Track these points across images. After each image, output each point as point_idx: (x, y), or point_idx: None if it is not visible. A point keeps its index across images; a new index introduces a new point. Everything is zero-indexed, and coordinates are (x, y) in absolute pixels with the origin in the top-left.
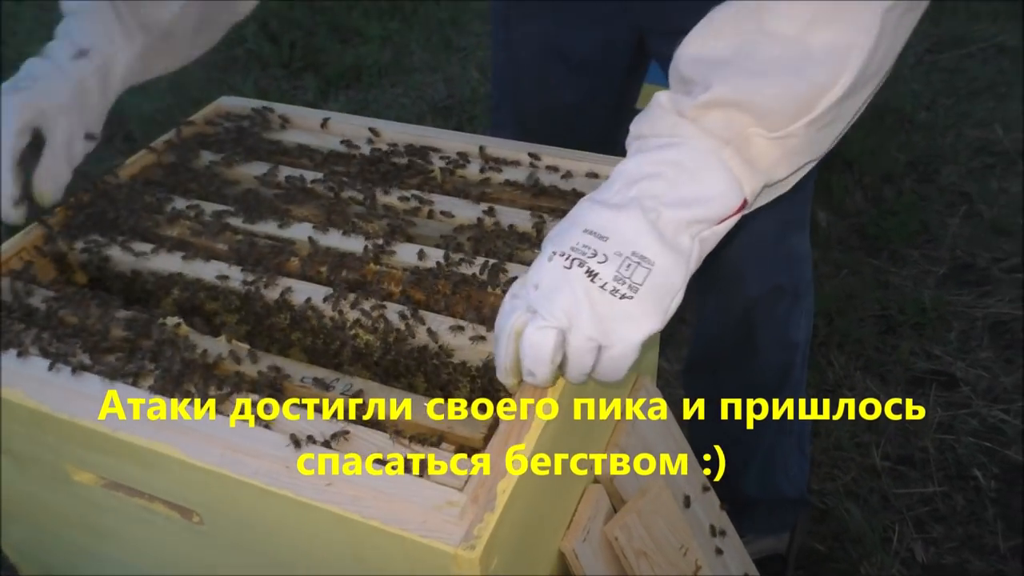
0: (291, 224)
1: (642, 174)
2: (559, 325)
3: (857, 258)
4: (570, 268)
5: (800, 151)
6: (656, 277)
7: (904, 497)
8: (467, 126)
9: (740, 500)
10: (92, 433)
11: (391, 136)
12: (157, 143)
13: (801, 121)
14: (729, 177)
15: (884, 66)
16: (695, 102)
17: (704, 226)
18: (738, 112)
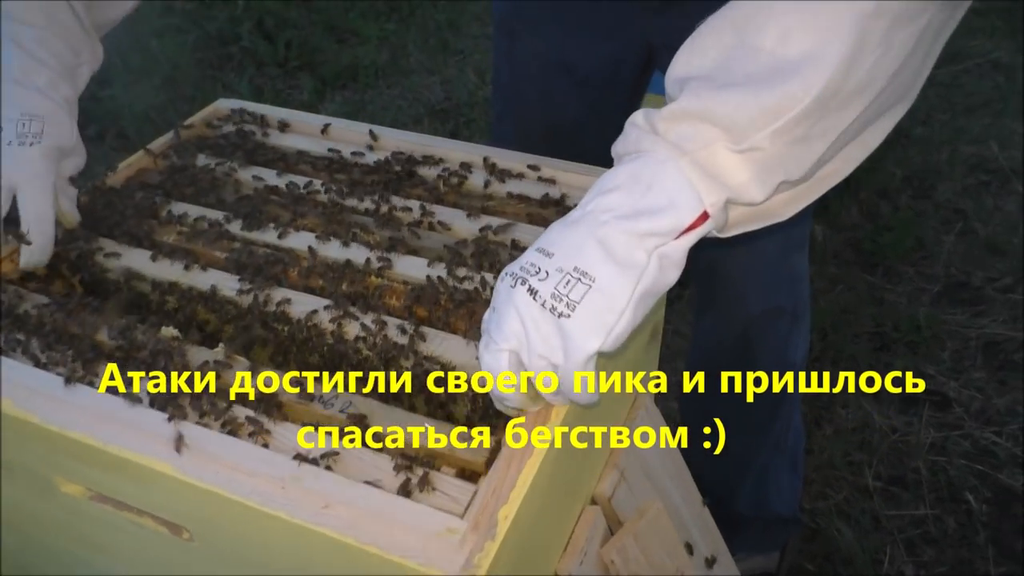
0: (290, 233)
1: (601, 188)
2: (510, 346)
3: (852, 273)
4: (514, 287)
5: (769, 168)
6: (596, 294)
7: (896, 519)
8: (464, 130)
9: (732, 518)
10: (82, 446)
11: (393, 144)
12: (154, 145)
13: (765, 130)
14: (685, 187)
15: (873, 81)
16: (662, 113)
17: (660, 240)
18: (703, 124)
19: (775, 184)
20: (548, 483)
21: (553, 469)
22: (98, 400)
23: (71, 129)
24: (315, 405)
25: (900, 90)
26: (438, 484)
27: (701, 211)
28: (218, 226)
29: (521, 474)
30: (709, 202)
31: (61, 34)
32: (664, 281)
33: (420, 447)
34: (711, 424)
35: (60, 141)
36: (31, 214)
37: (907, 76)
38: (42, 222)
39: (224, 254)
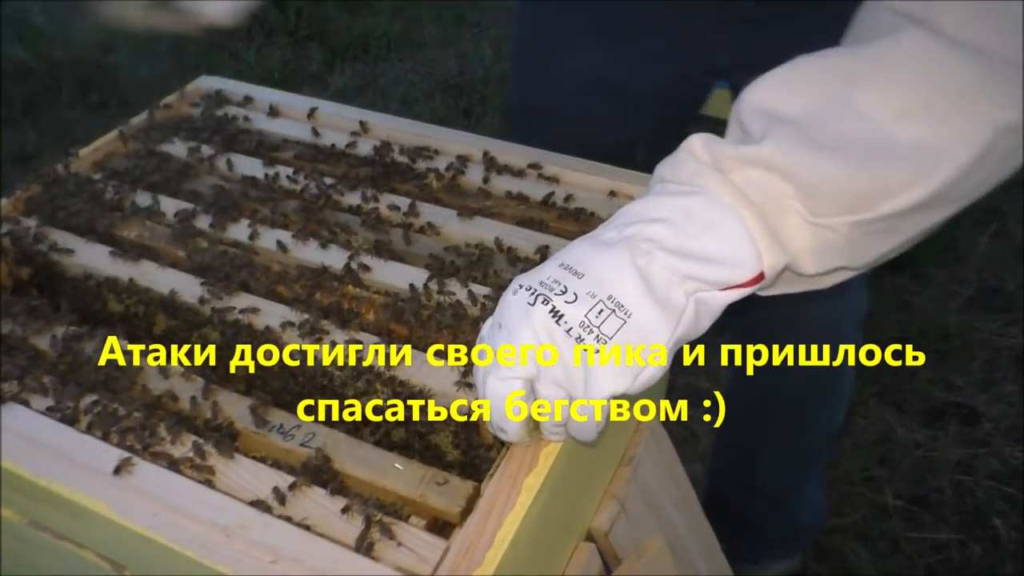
0: (263, 231)
1: (645, 216)
2: (525, 375)
3: (878, 275)
4: (533, 305)
5: (835, 250)
6: (630, 331)
7: (916, 542)
8: (478, 107)
9: (759, 539)
10: (12, 475)
11: (385, 132)
12: (127, 126)
13: (849, 217)
14: (747, 241)
15: (975, 193)
16: (736, 152)
17: (704, 287)
18: (781, 180)
19: (833, 266)
20: (533, 534)
21: (539, 519)
22: (30, 423)
23: None
24: (273, 436)
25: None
26: (404, 538)
27: (759, 272)
28: (185, 221)
29: (500, 531)
30: (769, 264)
31: None
32: (696, 329)
33: (388, 490)
34: (752, 466)
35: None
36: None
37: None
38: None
39: (188, 253)
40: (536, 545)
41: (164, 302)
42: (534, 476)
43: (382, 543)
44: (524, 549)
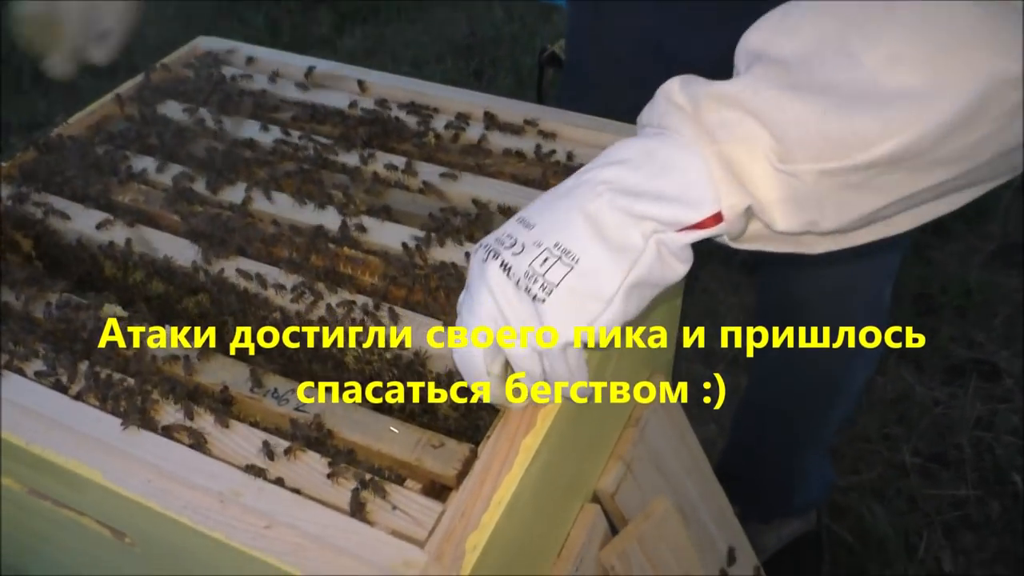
0: (259, 193)
1: (607, 159)
2: (484, 329)
3: None
4: (486, 261)
5: (802, 202)
6: (578, 277)
7: (934, 499)
8: (488, 68)
9: (777, 499)
10: (8, 444)
11: (384, 91)
12: (124, 88)
13: (817, 165)
14: (703, 179)
15: (973, 155)
16: (708, 90)
17: (660, 227)
18: (754, 122)
19: (803, 221)
20: (533, 495)
21: (541, 479)
22: (24, 390)
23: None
24: (267, 401)
25: (1005, 167)
26: (399, 502)
27: (715, 211)
28: (181, 185)
29: (497, 493)
30: (727, 204)
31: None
32: (667, 273)
33: (383, 454)
34: (774, 442)
35: None
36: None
37: (1020, 156)
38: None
39: (183, 217)
40: (537, 506)
41: (159, 267)
42: (532, 437)
43: (377, 507)
44: (523, 511)
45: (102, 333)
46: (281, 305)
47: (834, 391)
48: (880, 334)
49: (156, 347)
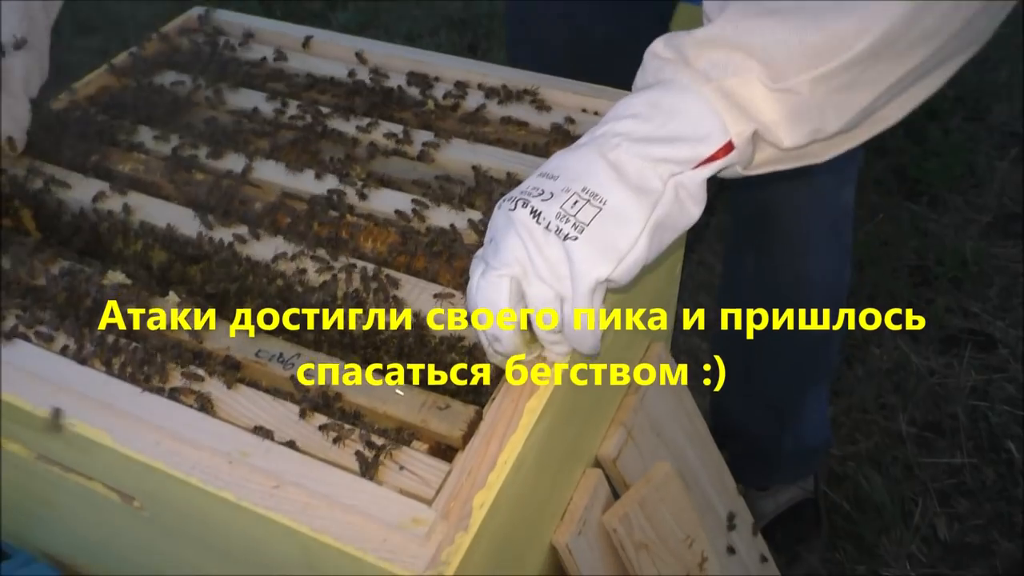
0: (258, 162)
1: (615, 115)
2: (511, 272)
3: (894, 202)
4: (514, 210)
5: (804, 114)
6: (607, 217)
7: (929, 467)
8: (483, 42)
9: (769, 457)
10: (14, 408)
11: (381, 60)
12: (119, 59)
13: (807, 74)
14: (708, 114)
15: (942, 30)
16: (693, 38)
17: (677, 168)
18: (739, 54)
19: (808, 132)
20: (537, 457)
21: (544, 441)
22: (31, 356)
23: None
24: (273, 365)
25: (971, 36)
26: (406, 462)
27: (725, 141)
28: (180, 155)
29: (502, 453)
30: (735, 131)
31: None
32: (683, 216)
33: (390, 415)
34: (753, 366)
35: (40, 58)
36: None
37: (983, 22)
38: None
39: (183, 186)
40: (540, 469)
41: (159, 236)
42: (536, 399)
43: (384, 467)
44: (528, 472)
45: (106, 301)
46: (282, 271)
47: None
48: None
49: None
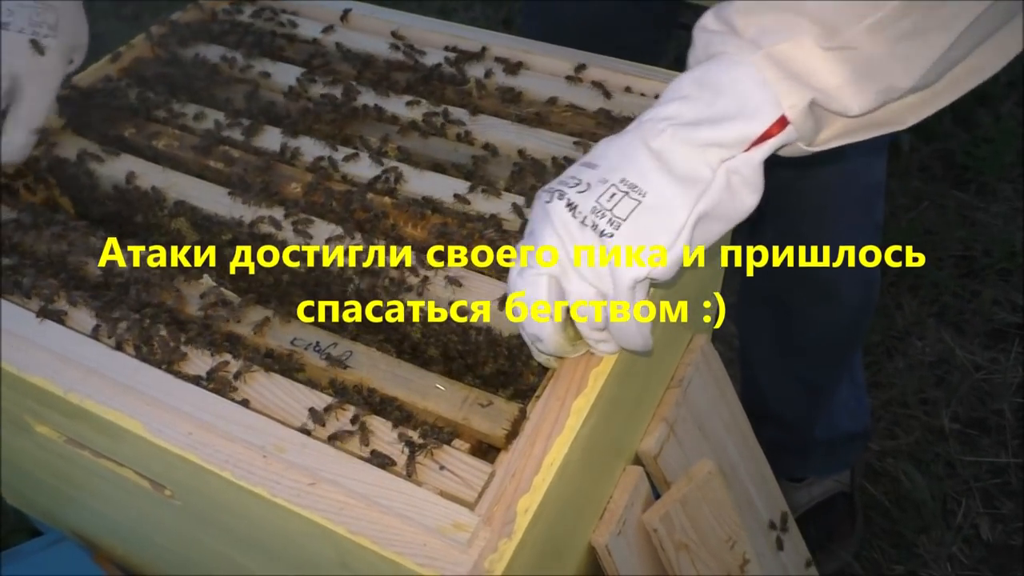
0: (295, 139)
1: (663, 99)
2: (549, 270)
3: (940, 190)
4: (550, 202)
5: (868, 71)
6: (646, 211)
7: (972, 466)
8: (518, 16)
9: (804, 445)
10: (45, 392)
11: (420, 35)
12: (153, 30)
13: (860, 24)
14: (758, 87)
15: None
16: (737, 6)
17: (727, 152)
18: (791, 15)
19: (877, 92)
20: (582, 457)
21: (589, 440)
22: (66, 340)
23: (83, 28)
24: (309, 355)
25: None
26: (447, 462)
27: (778, 115)
28: (216, 131)
29: (548, 455)
30: (788, 104)
31: None
32: (736, 205)
33: (429, 411)
34: (783, 346)
35: (73, 38)
36: (26, 111)
37: None
38: (33, 120)
39: (218, 163)
40: (584, 469)
41: (195, 215)
42: (583, 398)
43: (424, 467)
44: (572, 473)
45: (140, 281)
46: (316, 251)
47: (829, 293)
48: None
49: (196, 302)
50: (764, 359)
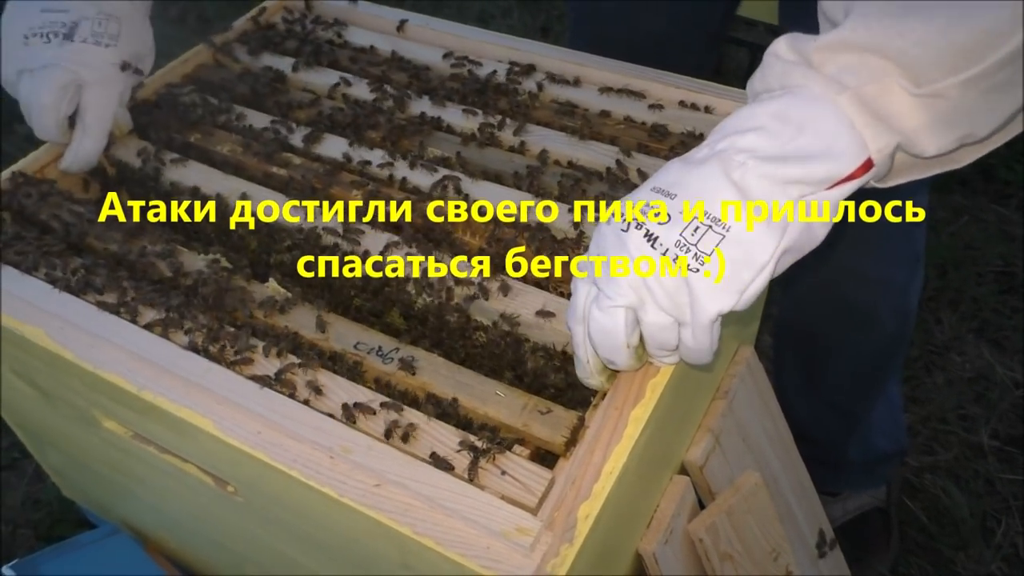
0: (354, 148)
1: (737, 128)
2: (627, 303)
3: (980, 204)
4: (627, 231)
5: (952, 119)
6: (731, 245)
7: (1013, 484)
8: (556, 24)
9: (839, 464)
10: (117, 388)
11: (474, 47)
12: (215, 37)
13: (955, 77)
14: (846, 129)
15: None
16: (820, 42)
17: (808, 189)
18: (875, 57)
19: (956, 139)
20: (638, 466)
21: (644, 451)
22: (139, 339)
23: (147, 36)
24: (372, 359)
25: None
26: (509, 468)
27: (865, 158)
28: (276, 138)
29: (607, 463)
30: (875, 148)
31: None
32: (810, 239)
33: (491, 417)
34: (816, 369)
35: (135, 47)
36: (92, 117)
37: None
38: (100, 128)
39: (280, 170)
40: (638, 478)
41: (258, 226)
42: (641, 408)
43: (486, 471)
44: (628, 482)
45: (208, 283)
46: (376, 261)
47: (865, 322)
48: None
49: (268, 304)
50: (797, 385)
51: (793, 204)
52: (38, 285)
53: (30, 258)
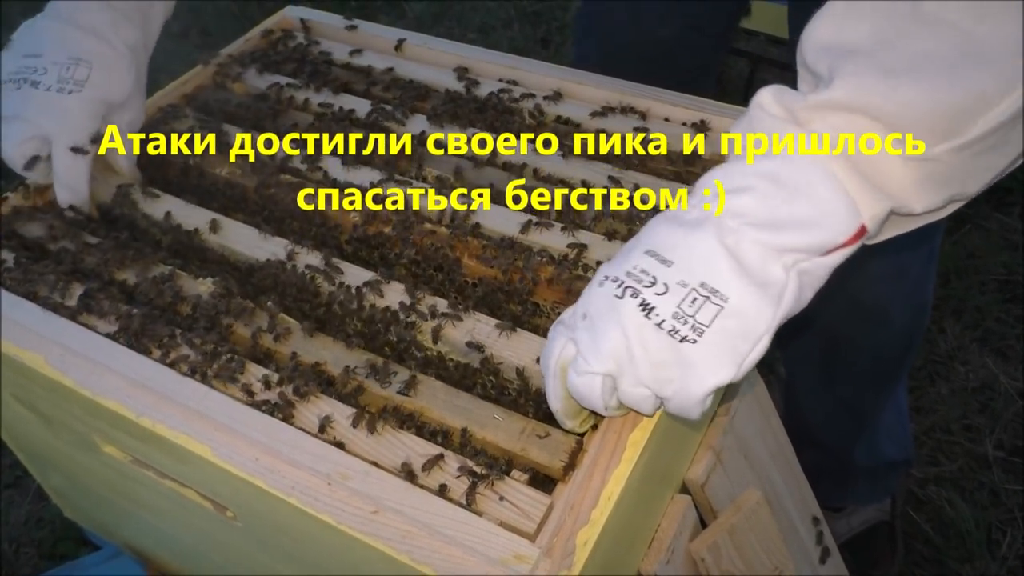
0: (353, 169)
1: (729, 187)
2: (605, 370)
3: (983, 212)
4: (622, 298)
5: (944, 182)
6: (729, 317)
7: (1017, 495)
8: (556, 35)
9: (846, 471)
10: (117, 416)
11: (477, 66)
12: (217, 57)
13: (948, 143)
14: (840, 196)
15: None
16: (806, 102)
17: (803, 256)
18: (864, 119)
19: (946, 197)
20: (636, 490)
21: (643, 474)
22: (137, 365)
23: (126, 79)
24: (371, 383)
25: None
26: (507, 493)
27: (859, 226)
28: (277, 162)
29: (605, 488)
30: (869, 216)
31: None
32: (799, 303)
33: (487, 441)
34: (830, 380)
35: (108, 93)
36: (58, 169)
37: None
38: (71, 176)
39: (279, 193)
40: (638, 500)
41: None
42: (640, 432)
43: (484, 496)
44: (627, 505)
45: (207, 309)
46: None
47: (880, 318)
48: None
49: (261, 330)
50: (809, 383)
51: (786, 270)
52: (37, 311)
53: (30, 284)
